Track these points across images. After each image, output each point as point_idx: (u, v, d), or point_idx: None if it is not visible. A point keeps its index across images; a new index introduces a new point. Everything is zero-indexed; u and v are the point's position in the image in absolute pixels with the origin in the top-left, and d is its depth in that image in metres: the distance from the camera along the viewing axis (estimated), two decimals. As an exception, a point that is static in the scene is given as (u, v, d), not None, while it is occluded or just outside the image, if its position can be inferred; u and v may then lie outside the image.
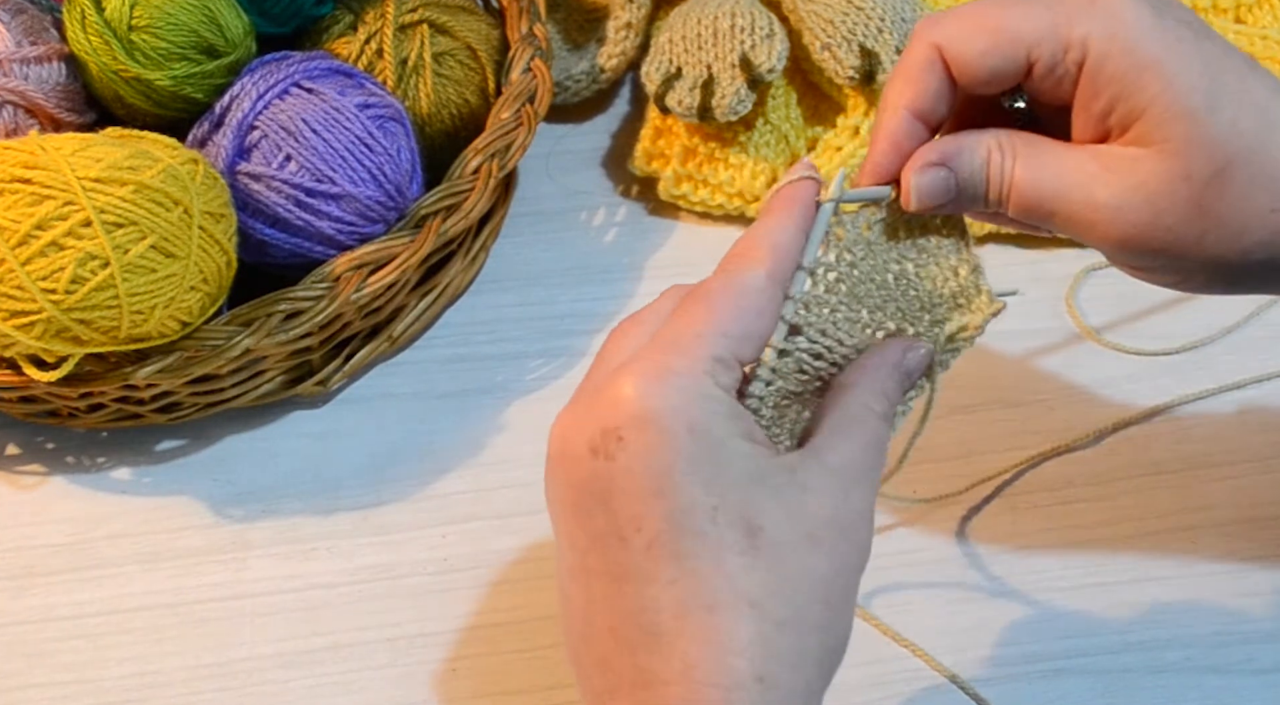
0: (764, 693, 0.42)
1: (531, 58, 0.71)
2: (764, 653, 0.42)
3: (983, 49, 0.48)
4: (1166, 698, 0.58)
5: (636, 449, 0.43)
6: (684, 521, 0.43)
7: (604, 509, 0.44)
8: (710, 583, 0.42)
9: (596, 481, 0.44)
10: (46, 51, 0.66)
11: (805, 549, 0.43)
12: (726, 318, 0.46)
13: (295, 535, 0.65)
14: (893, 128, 0.50)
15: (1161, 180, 0.47)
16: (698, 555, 0.43)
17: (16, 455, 0.69)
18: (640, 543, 0.43)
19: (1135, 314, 0.70)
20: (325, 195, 0.64)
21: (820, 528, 0.44)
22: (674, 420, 0.43)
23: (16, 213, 0.57)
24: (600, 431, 0.44)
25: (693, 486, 0.43)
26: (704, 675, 0.42)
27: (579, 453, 0.44)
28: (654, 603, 0.43)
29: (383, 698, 0.60)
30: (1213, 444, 0.65)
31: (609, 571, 0.44)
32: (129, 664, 0.61)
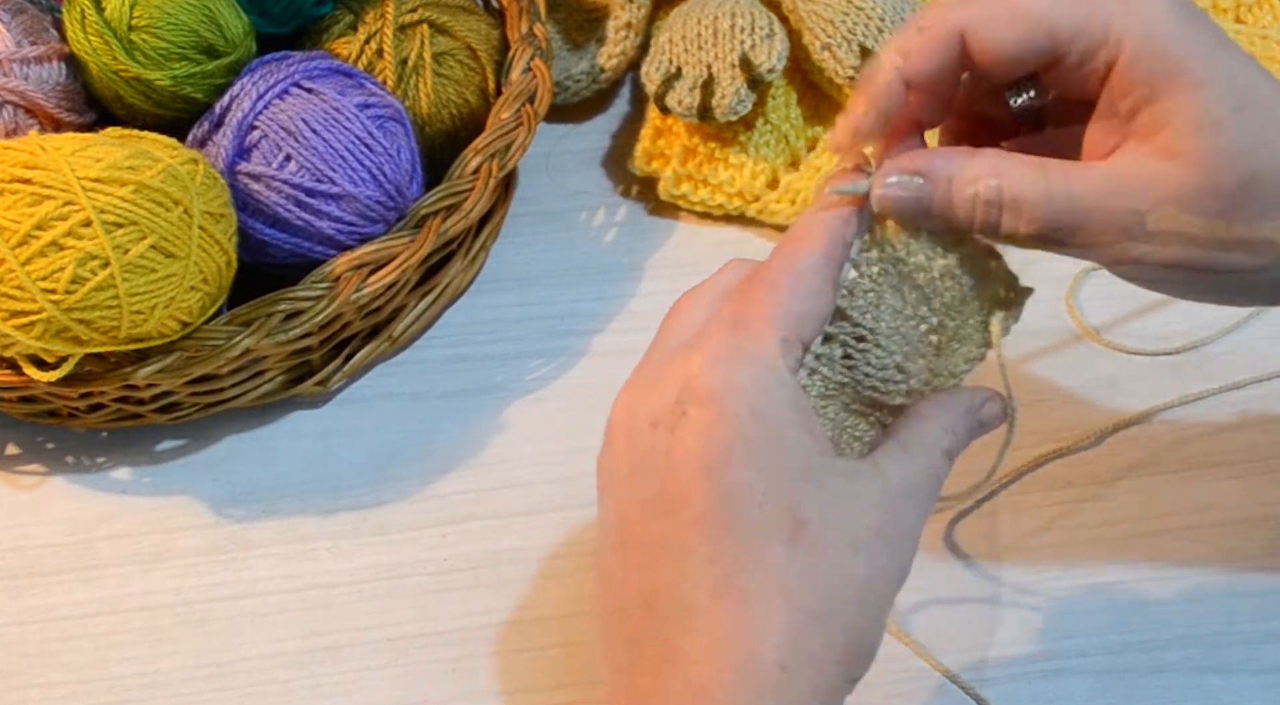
0: (784, 681, 0.42)
1: (531, 58, 0.71)
2: (790, 643, 0.43)
3: (1015, 37, 0.47)
4: (1166, 698, 0.58)
5: (698, 425, 0.44)
6: (732, 503, 0.43)
7: (657, 481, 0.44)
8: (748, 567, 0.43)
9: (654, 454, 0.44)
10: (46, 51, 0.66)
11: (846, 552, 0.44)
12: (789, 298, 0.46)
13: (295, 535, 0.65)
14: (879, 88, 0.48)
15: (1188, 194, 0.46)
16: (740, 539, 0.43)
17: (16, 455, 0.69)
18: (687, 517, 0.43)
19: (1135, 314, 0.70)
20: (325, 195, 0.64)
21: (865, 535, 0.44)
22: (739, 402, 0.44)
23: (16, 213, 0.57)
24: (664, 405, 0.45)
25: (746, 470, 0.43)
26: (729, 656, 0.42)
27: (641, 424, 0.45)
28: (691, 579, 0.43)
29: (383, 698, 0.60)
30: (1213, 444, 0.65)
31: (652, 543, 0.44)
32: (129, 664, 0.61)
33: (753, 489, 0.43)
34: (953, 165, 0.47)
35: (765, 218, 0.75)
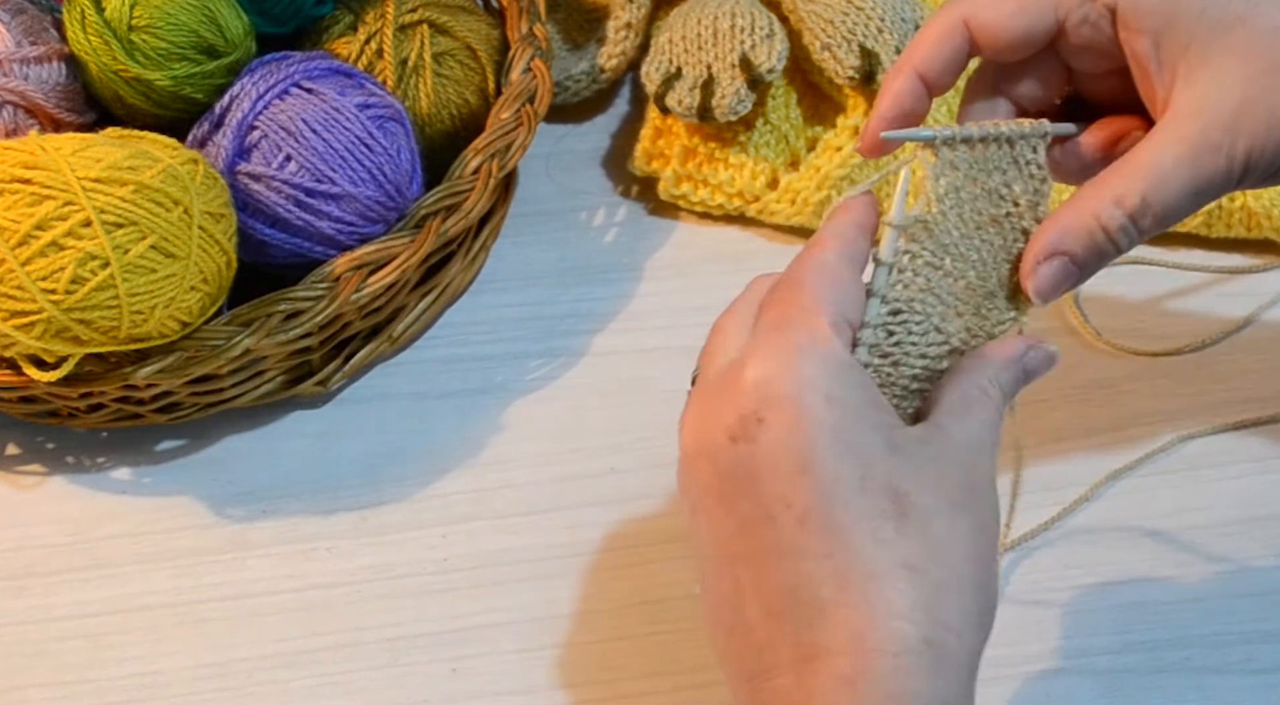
0: (933, 656, 0.42)
1: (531, 58, 0.71)
2: (928, 616, 0.43)
3: (1011, 12, 0.49)
4: (1166, 698, 0.58)
5: (779, 428, 0.44)
6: (834, 494, 0.43)
7: (751, 492, 0.44)
8: (867, 552, 0.43)
9: (741, 467, 0.45)
10: (46, 51, 0.66)
11: (950, 514, 0.44)
12: (822, 288, 0.46)
13: (295, 535, 0.65)
14: (899, 90, 0.50)
15: (1254, 81, 0.47)
16: (851, 526, 0.43)
17: (16, 455, 0.69)
18: (791, 520, 0.44)
19: (1135, 314, 0.70)
20: (325, 195, 0.64)
21: (958, 494, 0.45)
22: (812, 394, 0.44)
23: (16, 213, 0.57)
24: (738, 418, 0.45)
25: (839, 459, 0.43)
26: (873, 642, 0.42)
27: (718, 442, 0.45)
28: (812, 577, 0.43)
29: (383, 698, 0.60)
30: (1212, 444, 0.65)
31: (759, 553, 0.44)
32: (129, 664, 0.61)
33: (850, 474, 0.43)
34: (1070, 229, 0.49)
35: (765, 218, 0.75)
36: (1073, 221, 0.49)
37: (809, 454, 0.43)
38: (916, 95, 0.50)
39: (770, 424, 0.44)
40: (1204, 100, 0.47)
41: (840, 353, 0.45)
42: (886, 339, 0.49)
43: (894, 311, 0.49)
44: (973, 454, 0.46)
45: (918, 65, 0.50)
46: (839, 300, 0.47)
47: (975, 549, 0.45)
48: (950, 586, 0.44)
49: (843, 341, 0.46)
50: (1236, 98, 0.47)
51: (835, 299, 0.46)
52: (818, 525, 0.43)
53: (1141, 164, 0.48)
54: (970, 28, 0.50)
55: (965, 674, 0.44)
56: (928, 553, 0.43)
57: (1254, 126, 0.47)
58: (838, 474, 0.43)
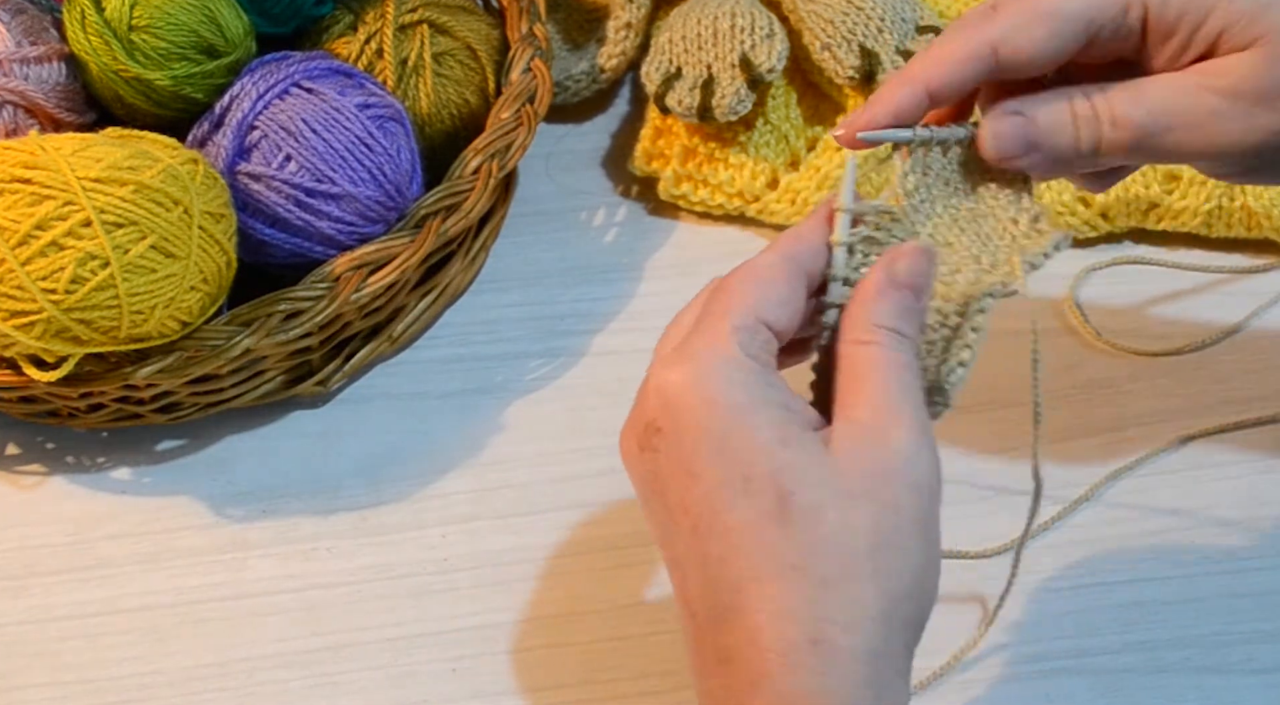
0: (820, 655, 0.42)
1: (531, 58, 0.71)
2: (813, 614, 0.42)
3: (1044, 35, 0.49)
4: (1166, 698, 0.58)
5: (668, 435, 0.44)
6: (719, 498, 0.43)
7: (661, 500, 0.45)
8: (754, 554, 0.43)
9: (650, 475, 0.45)
10: (46, 51, 0.66)
11: (842, 506, 0.43)
12: (742, 291, 0.46)
13: (295, 535, 0.65)
14: (901, 98, 0.50)
15: (1266, 65, 0.48)
16: (738, 530, 0.43)
17: (16, 455, 0.69)
18: (688, 526, 0.44)
19: (1135, 314, 0.70)
20: (325, 195, 0.64)
21: (856, 482, 0.43)
22: (693, 396, 0.44)
23: (16, 213, 0.57)
24: (644, 427, 0.45)
25: (722, 462, 0.43)
26: (765, 643, 0.43)
27: (634, 452, 0.46)
28: (715, 582, 0.44)
29: (383, 698, 0.60)
30: (1213, 444, 0.65)
31: (678, 558, 0.45)
32: (129, 664, 0.61)
33: (733, 477, 0.43)
34: (1047, 97, 0.50)
35: (765, 218, 0.75)
36: (1047, 96, 0.50)
37: (694, 459, 0.44)
38: (916, 108, 0.50)
39: (665, 432, 0.45)
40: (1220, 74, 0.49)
41: (732, 356, 0.45)
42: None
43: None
44: (880, 429, 0.44)
45: (931, 82, 0.49)
46: (754, 303, 0.46)
47: (875, 539, 0.43)
48: (839, 583, 0.43)
49: (744, 342, 0.45)
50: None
51: (750, 302, 0.46)
52: (709, 531, 0.44)
53: (1144, 91, 0.49)
54: (999, 53, 0.49)
55: (862, 669, 0.42)
56: (813, 551, 0.43)
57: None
58: (721, 477, 0.43)
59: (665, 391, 0.45)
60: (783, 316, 0.47)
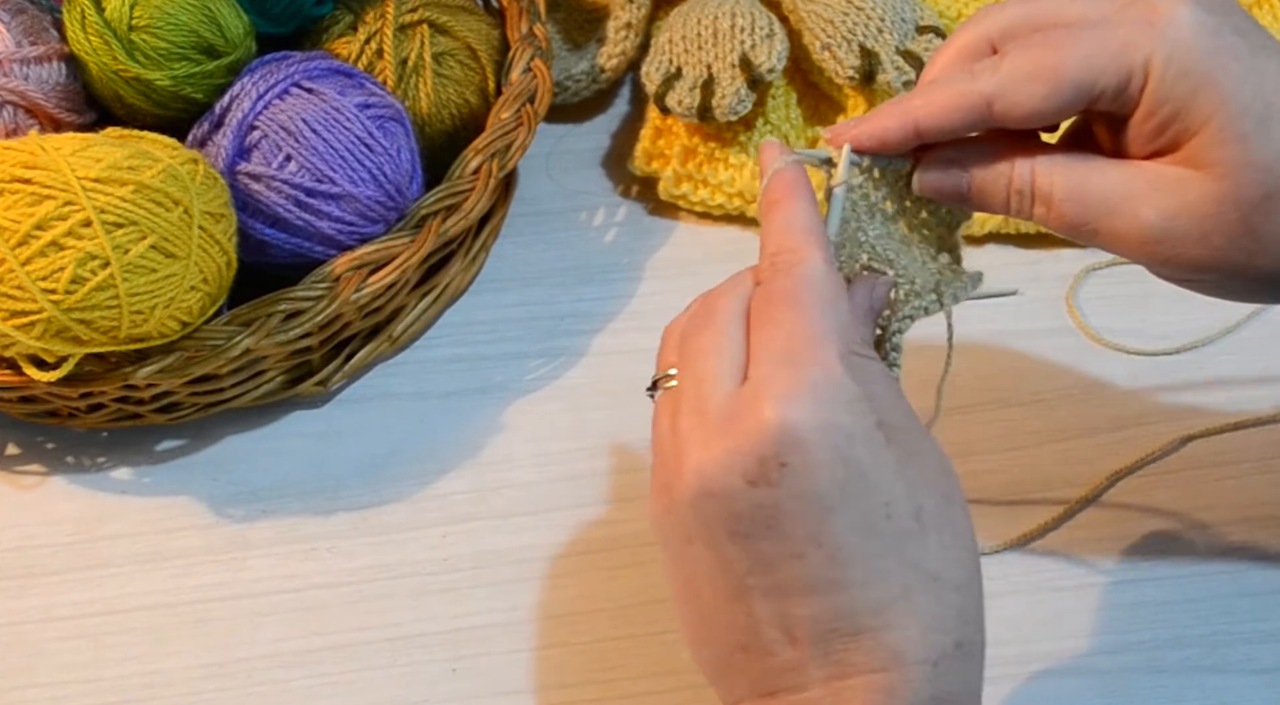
0: (963, 656, 0.44)
1: (531, 58, 0.71)
2: (957, 620, 0.44)
3: (1043, 94, 0.48)
4: (1166, 698, 0.58)
5: (803, 471, 0.43)
6: (864, 527, 0.44)
7: (772, 532, 0.44)
8: (898, 574, 0.44)
9: (761, 511, 0.44)
10: (46, 51, 0.66)
11: (948, 509, 0.45)
12: (825, 313, 0.46)
13: (295, 535, 0.65)
14: (890, 128, 0.50)
15: (1210, 203, 0.47)
16: (882, 554, 0.44)
17: (16, 455, 0.69)
18: (822, 558, 0.44)
19: (1135, 314, 0.70)
20: (325, 195, 0.64)
21: (944, 483, 0.46)
22: (834, 435, 0.44)
23: (16, 213, 0.57)
24: (757, 461, 0.44)
25: (866, 493, 0.44)
26: (912, 655, 0.44)
27: (735, 486, 0.44)
28: (847, 608, 0.44)
29: (383, 698, 0.60)
30: (1213, 444, 0.65)
31: (783, 588, 0.44)
32: (129, 664, 0.61)
33: (876, 505, 0.44)
34: (988, 157, 0.50)
35: (765, 218, 0.75)
36: (993, 155, 0.50)
37: (836, 496, 0.44)
38: (902, 142, 0.50)
39: (794, 468, 0.43)
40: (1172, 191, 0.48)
41: (851, 387, 0.44)
42: None
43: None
44: (918, 432, 0.46)
45: (920, 122, 0.49)
46: (841, 324, 0.46)
47: (968, 537, 0.46)
48: (968, 584, 0.45)
49: (852, 372, 0.45)
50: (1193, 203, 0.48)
51: (837, 324, 0.46)
52: (850, 559, 0.44)
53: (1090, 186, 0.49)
54: (994, 108, 0.48)
55: (983, 661, 0.46)
56: (947, 558, 0.44)
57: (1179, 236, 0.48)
58: (866, 509, 0.44)
59: (794, 427, 0.43)
60: (856, 333, 0.47)
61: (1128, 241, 0.49)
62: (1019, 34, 0.50)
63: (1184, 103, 0.47)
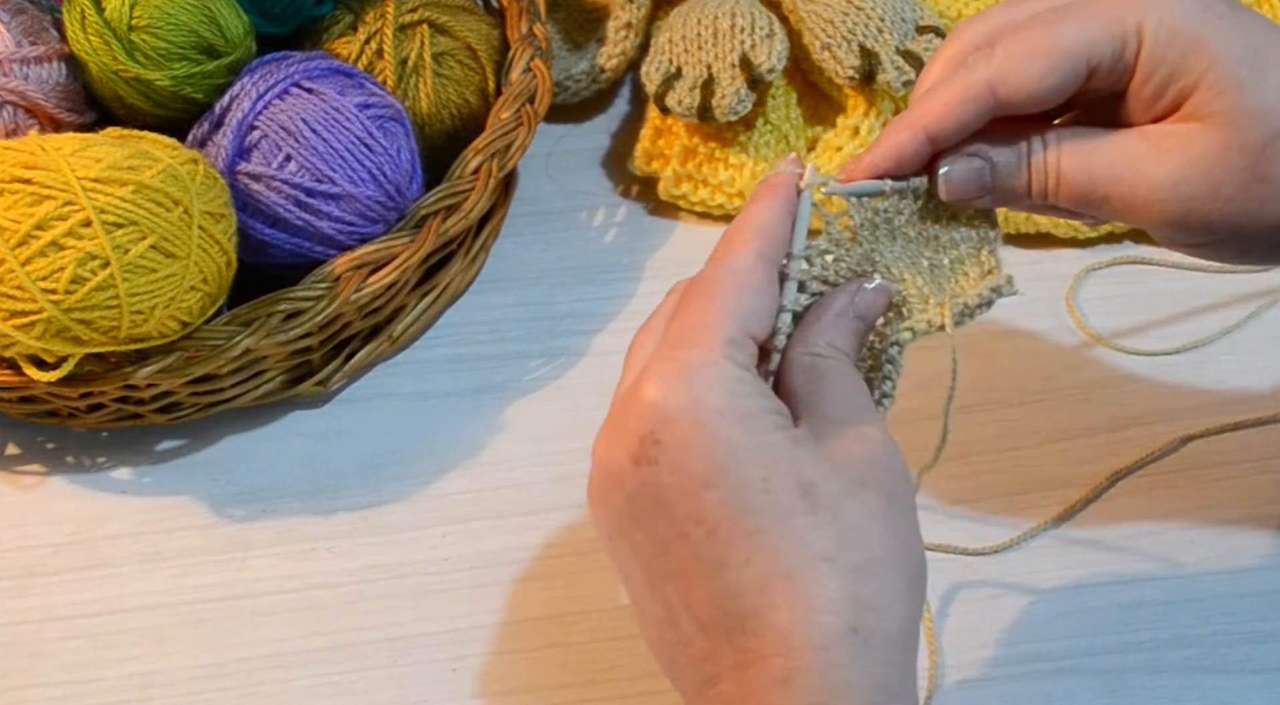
0: (860, 643, 0.43)
1: (531, 58, 0.71)
2: (851, 604, 0.43)
3: (1042, 71, 0.48)
4: (1166, 698, 0.58)
5: (675, 447, 0.44)
6: (740, 501, 0.44)
7: (661, 512, 0.45)
8: (782, 551, 0.43)
9: (646, 489, 0.45)
10: (46, 51, 0.66)
11: (858, 492, 0.44)
12: (728, 300, 0.47)
13: (295, 535, 0.65)
14: (902, 143, 0.50)
15: (1216, 152, 0.48)
16: (763, 529, 0.44)
17: (16, 455, 0.69)
18: (703, 534, 0.44)
19: (1135, 314, 0.70)
20: (325, 195, 0.64)
21: (861, 470, 0.45)
22: (702, 410, 0.44)
23: (16, 213, 0.57)
24: (638, 440, 0.45)
25: (738, 466, 0.44)
26: (800, 640, 0.43)
27: (623, 466, 0.46)
28: (734, 587, 0.44)
29: (383, 698, 0.60)
30: (1213, 444, 0.65)
31: (680, 571, 0.45)
32: (129, 664, 0.61)
33: (752, 479, 0.44)
34: (1002, 140, 0.50)
35: (765, 218, 0.75)
36: (1007, 137, 0.50)
37: (708, 468, 0.44)
38: (917, 153, 0.50)
39: (667, 445, 0.44)
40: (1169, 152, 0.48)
41: (730, 369, 0.45)
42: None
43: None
44: (856, 424, 0.46)
45: (930, 126, 0.50)
46: (742, 313, 0.46)
47: (889, 522, 0.45)
48: (870, 568, 0.44)
49: (737, 356, 0.46)
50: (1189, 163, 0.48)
51: (737, 312, 0.46)
52: (730, 535, 0.44)
53: (1096, 148, 0.49)
54: (997, 93, 0.49)
55: (897, 650, 0.44)
56: (842, 540, 0.44)
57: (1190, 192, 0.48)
58: (740, 482, 0.44)
59: (666, 404, 0.45)
60: (765, 326, 0.48)
61: (1138, 205, 0.49)
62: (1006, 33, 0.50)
63: (1178, 61, 0.48)
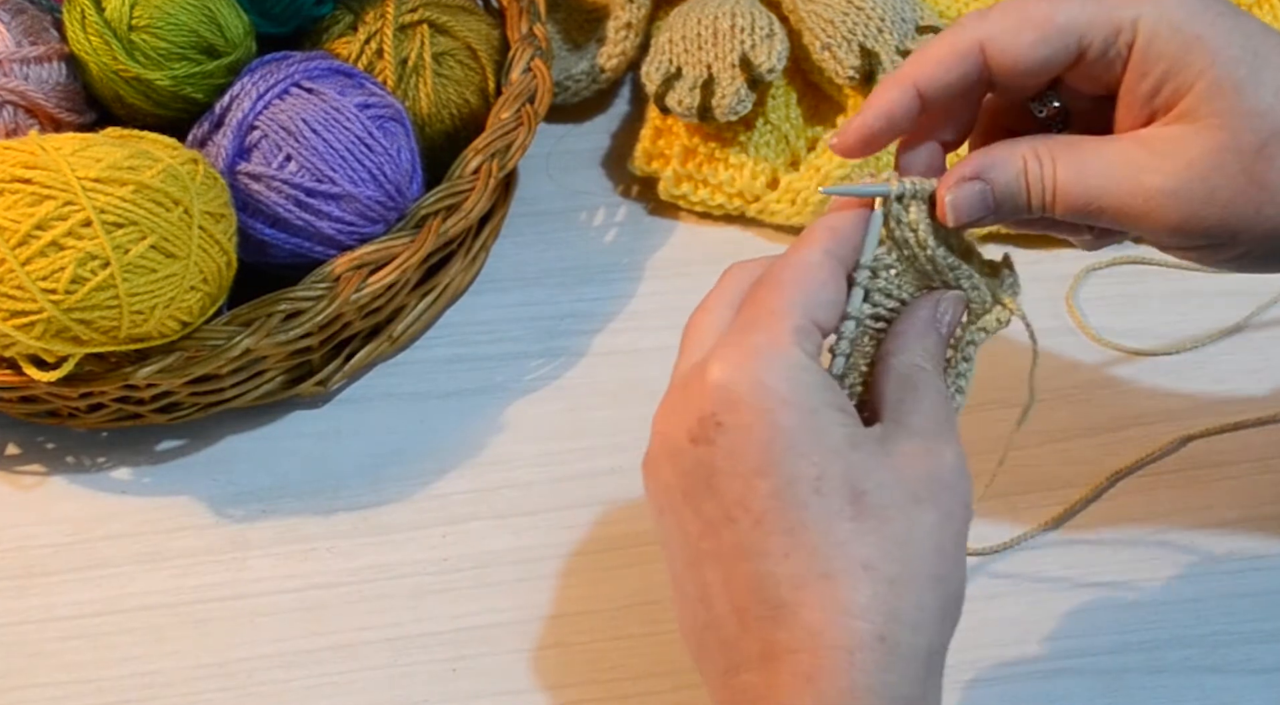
0: (887, 652, 0.43)
1: (531, 58, 0.71)
2: (883, 613, 0.43)
3: (1032, 40, 0.48)
4: (1166, 698, 0.58)
5: (735, 431, 0.45)
6: (789, 495, 0.44)
7: (711, 494, 0.45)
8: (822, 551, 0.44)
9: (700, 468, 0.45)
10: (46, 51, 0.66)
11: (910, 507, 0.45)
12: (795, 290, 0.47)
13: (295, 535, 0.65)
14: (893, 100, 0.49)
15: (1211, 155, 0.47)
16: (807, 526, 0.44)
17: (16, 455, 0.69)
18: (749, 522, 0.44)
19: (1135, 314, 0.70)
20: (325, 195, 0.64)
21: (921, 486, 0.45)
22: (767, 397, 0.45)
23: (16, 213, 0.57)
24: (698, 420, 0.45)
25: (794, 460, 0.44)
26: (829, 639, 0.43)
27: (680, 444, 0.46)
28: (772, 577, 0.44)
29: (383, 698, 0.60)
30: (1213, 444, 0.65)
31: (725, 553, 0.45)
32: (129, 664, 0.61)
33: (805, 475, 0.44)
34: (999, 159, 0.50)
35: (765, 218, 0.75)
36: (1004, 155, 0.49)
37: (764, 457, 0.44)
38: (908, 109, 0.50)
39: (727, 427, 0.45)
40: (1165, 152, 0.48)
41: (798, 356, 0.45)
42: (867, 342, 0.50)
43: (876, 317, 0.50)
44: (933, 441, 0.46)
45: (919, 81, 0.49)
46: (809, 302, 0.47)
47: (938, 542, 0.45)
48: (907, 582, 0.44)
49: (804, 344, 0.46)
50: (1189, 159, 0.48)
51: (805, 302, 0.47)
52: (774, 527, 0.44)
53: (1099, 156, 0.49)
54: (986, 52, 0.49)
55: (921, 667, 0.44)
56: (884, 550, 0.44)
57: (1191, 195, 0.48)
58: (793, 476, 0.44)
59: (731, 387, 0.45)
60: (832, 318, 0.48)
61: (1135, 212, 0.48)
62: None
63: (1176, 59, 0.47)
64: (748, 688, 0.45)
